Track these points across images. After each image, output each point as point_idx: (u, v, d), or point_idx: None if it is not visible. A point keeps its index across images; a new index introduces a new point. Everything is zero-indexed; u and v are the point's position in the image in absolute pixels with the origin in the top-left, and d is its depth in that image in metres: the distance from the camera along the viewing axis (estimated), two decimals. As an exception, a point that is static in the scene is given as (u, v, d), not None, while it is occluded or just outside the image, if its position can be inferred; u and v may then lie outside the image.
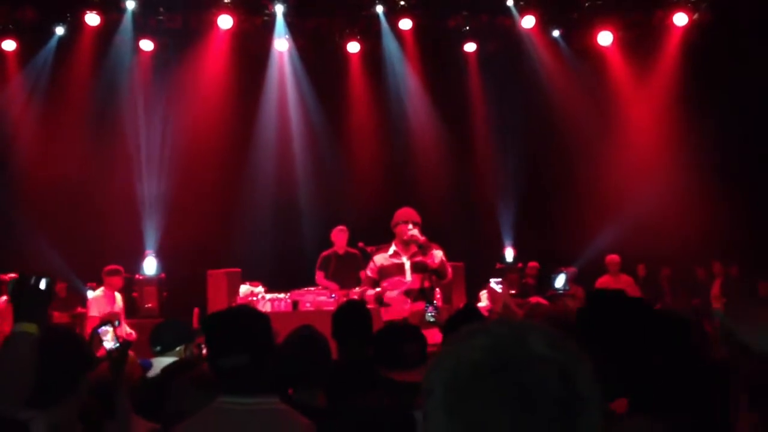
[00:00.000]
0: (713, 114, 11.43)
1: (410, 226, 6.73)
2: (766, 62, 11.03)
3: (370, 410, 2.81)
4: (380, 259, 6.86)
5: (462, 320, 3.85)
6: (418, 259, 6.74)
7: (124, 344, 3.88)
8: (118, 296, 8.97)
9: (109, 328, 3.98)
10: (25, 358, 2.34)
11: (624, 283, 10.42)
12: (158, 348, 4.45)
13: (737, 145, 11.46)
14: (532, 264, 11.33)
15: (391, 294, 6.74)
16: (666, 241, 11.28)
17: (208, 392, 2.69)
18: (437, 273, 6.71)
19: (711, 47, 11.67)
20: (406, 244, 6.77)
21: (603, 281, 10.73)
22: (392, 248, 6.85)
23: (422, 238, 6.71)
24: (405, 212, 6.94)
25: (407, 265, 6.72)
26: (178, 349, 4.48)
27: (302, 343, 3.38)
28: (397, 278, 6.72)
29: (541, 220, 12.22)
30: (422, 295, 6.63)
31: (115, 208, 11.49)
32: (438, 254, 6.75)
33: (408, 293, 6.68)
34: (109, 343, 3.89)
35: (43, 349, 2.39)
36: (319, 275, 9.57)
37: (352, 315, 4.29)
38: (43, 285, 2.44)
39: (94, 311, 8.67)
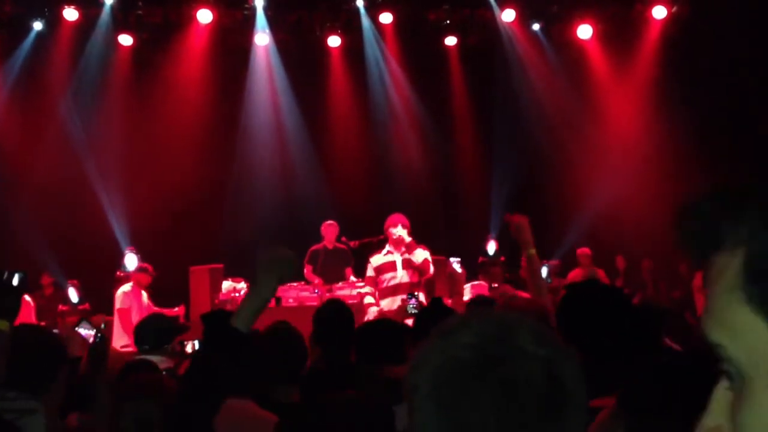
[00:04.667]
0: (692, 106, 11.52)
1: (399, 228, 7.87)
2: (743, 55, 11.12)
3: (348, 403, 2.81)
4: (376, 259, 8.00)
5: (432, 315, 3.84)
6: (406, 257, 7.84)
7: (102, 336, 3.85)
8: (144, 294, 9.31)
9: (87, 323, 3.95)
10: None
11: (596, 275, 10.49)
12: (145, 346, 4.36)
13: (716, 136, 11.55)
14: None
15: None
16: (646, 232, 11.35)
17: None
18: (419, 270, 7.81)
19: (689, 40, 11.75)
20: (397, 244, 7.89)
21: (575, 274, 10.79)
22: (386, 248, 8.00)
23: (407, 240, 7.83)
24: (394, 218, 8.07)
25: (399, 261, 7.84)
26: (165, 346, 4.41)
27: (277, 340, 3.37)
28: (390, 273, 7.85)
29: (523, 212, 12.25)
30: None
31: (95, 204, 11.43)
32: (422, 254, 7.85)
33: (398, 287, 7.73)
34: (87, 330, 3.86)
35: (18, 344, 2.38)
36: (307, 269, 9.58)
37: (334, 316, 4.24)
38: (15, 281, 2.39)
39: (125, 304, 9.01)
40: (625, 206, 11.38)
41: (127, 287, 9.19)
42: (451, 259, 8.66)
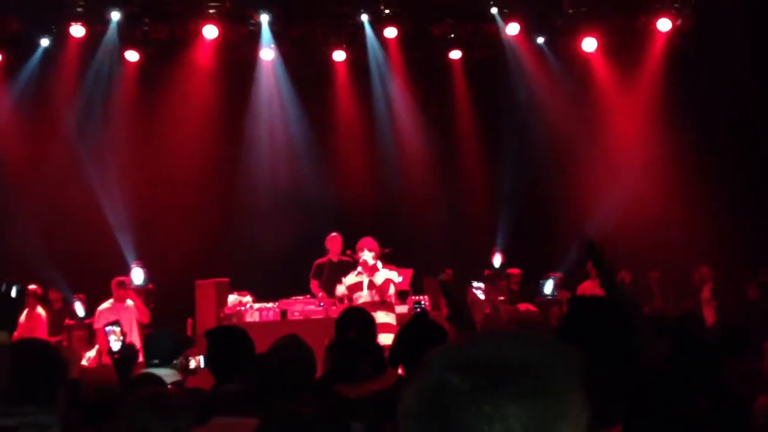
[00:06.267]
0: (696, 118, 11.51)
1: (365, 252, 8.44)
2: (747, 66, 11.14)
3: (304, 418, 2.79)
4: (349, 279, 8.57)
5: (414, 329, 3.80)
6: (371, 279, 8.43)
7: (129, 346, 3.85)
8: (130, 304, 9.29)
9: (116, 328, 3.96)
10: None
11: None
12: (156, 361, 4.25)
13: (720, 148, 11.54)
14: (515, 271, 11.26)
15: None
16: (652, 244, 11.33)
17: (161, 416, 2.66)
18: (379, 291, 8.39)
19: (694, 52, 11.76)
20: (363, 266, 8.47)
21: (584, 286, 10.75)
22: (358, 269, 8.53)
23: (370, 264, 8.40)
24: (362, 242, 8.60)
25: (365, 282, 8.40)
26: (175, 361, 4.38)
27: (286, 353, 3.37)
28: (358, 293, 8.42)
29: (527, 225, 12.26)
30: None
31: (100, 219, 11.45)
32: (384, 274, 8.43)
33: (364, 306, 7.94)
34: (115, 343, 3.87)
35: (18, 361, 2.37)
36: (313, 284, 9.58)
37: (356, 322, 4.24)
38: (14, 293, 2.37)
39: (101, 323, 8.81)
40: (632, 218, 11.35)
41: (107, 304, 9.18)
42: (474, 284, 8.72)
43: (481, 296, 8.63)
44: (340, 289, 8.78)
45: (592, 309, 2.71)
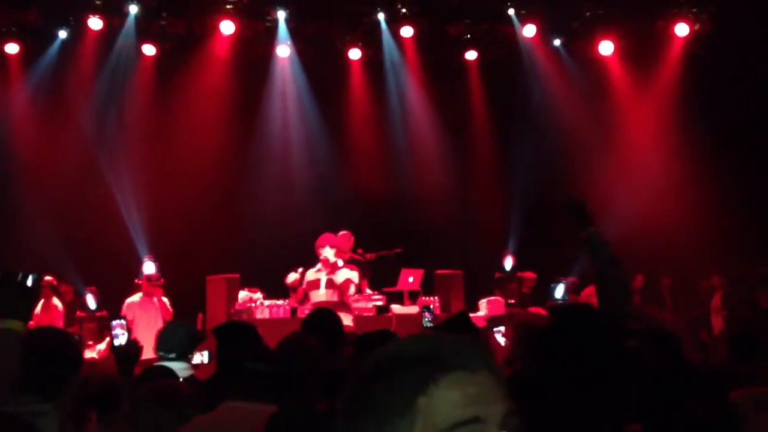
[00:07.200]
0: (713, 123, 11.44)
1: (326, 249, 8.35)
2: (765, 72, 11.05)
3: (319, 414, 2.80)
4: (310, 274, 8.50)
5: (453, 329, 3.81)
6: (330, 277, 8.37)
7: (133, 342, 3.86)
8: (156, 302, 9.19)
9: (122, 321, 3.97)
10: (7, 355, 2.30)
11: None
12: (173, 354, 4.26)
13: (737, 154, 11.46)
14: (530, 275, 11.24)
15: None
16: (666, 250, 11.26)
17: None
18: (339, 290, 8.36)
19: (711, 57, 11.68)
20: (324, 264, 8.40)
21: (588, 292, 10.70)
22: (318, 265, 8.45)
23: (332, 261, 8.34)
24: (323, 238, 8.53)
25: (323, 280, 8.35)
26: (189, 355, 4.34)
27: (293, 347, 3.38)
28: (314, 291, 8.41)
29: (541, 228, 12.20)
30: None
31: (114, 212, 11.50)
32: (344, 274, 8.36)
33: (319, 305, 7.77)
34: (120, 338, 3.88)
35: (32, 348, 2.38)
36: None
37: (321, 323, 4.28)
38: (29, 282, 2.37)
39: (128, 315, 8.78)
40: (646, 222, 11.29)
41: (135, 297, 9.17)
42: (495, 330, 8.65)
43: (501, 340, 8.53)
44: (291, 276, 8.64)
45: (566, 319, 2.69)
